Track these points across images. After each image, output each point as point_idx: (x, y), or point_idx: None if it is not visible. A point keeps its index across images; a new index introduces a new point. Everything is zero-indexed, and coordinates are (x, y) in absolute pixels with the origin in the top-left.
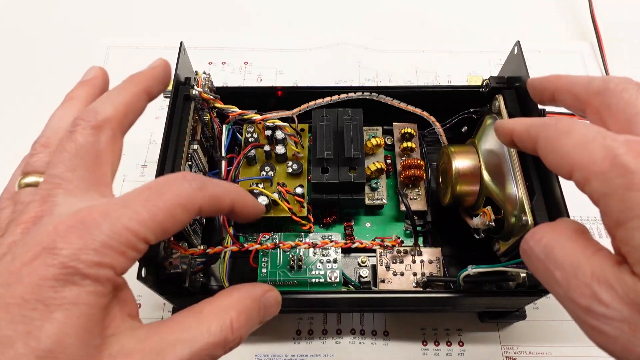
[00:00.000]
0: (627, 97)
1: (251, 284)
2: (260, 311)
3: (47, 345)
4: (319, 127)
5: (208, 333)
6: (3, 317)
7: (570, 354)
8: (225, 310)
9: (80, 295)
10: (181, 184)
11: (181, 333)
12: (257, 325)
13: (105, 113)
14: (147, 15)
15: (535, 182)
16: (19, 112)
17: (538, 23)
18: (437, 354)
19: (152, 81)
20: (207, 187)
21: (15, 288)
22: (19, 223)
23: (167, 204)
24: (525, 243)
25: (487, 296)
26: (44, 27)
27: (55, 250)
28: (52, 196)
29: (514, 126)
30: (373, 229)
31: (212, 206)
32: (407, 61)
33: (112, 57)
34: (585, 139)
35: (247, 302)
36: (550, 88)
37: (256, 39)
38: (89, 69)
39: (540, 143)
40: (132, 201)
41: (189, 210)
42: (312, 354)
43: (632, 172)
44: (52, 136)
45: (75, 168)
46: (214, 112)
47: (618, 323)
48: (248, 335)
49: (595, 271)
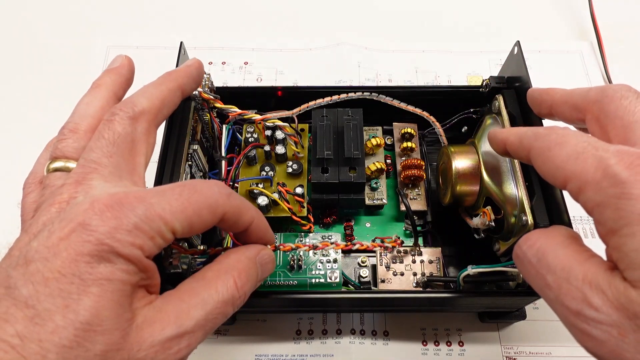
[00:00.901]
0: (625, 105)
1: (245, 246)
2: (258, 269)
3: (85, 317)
4: (319, 127)
5: (217, 294)
6: (42, 290)
7: (570, 354)
8: (226, 271)
9: (115, 272)
10: (212, 188)
11: (192, 298)
12: (257, 282)
13: (142, 105)
14: (147, 15)
15: (535, 182)
16: (20, 111)
17: (538, 23)
18: (437, 354)
19: (187, 79)
20: (234, 198)
21: (53, 262)
22: (53, 203)
23: (198, 201)
24: (519, 248)
25: (487, 296)
26: (44, 27)
27: (92, 227)
28: (87, 180)
29: (508, 136)
30: (373, 229)
31: (234, 216)
32: (407, 61)
33: (112, 57)
34: (578, 149)
35: (245, 262)
36: (548, 101)
37: (256, 39)
38: (116, 58)
39: (534, 154)
40: (167, 192)
41: (214, 213)
42: (312, 354)
43: (624, 182)
44: (80, 122)
45: (112, 155)
46: (214, 112)
47: (607, 327)
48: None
49: (587, 276)
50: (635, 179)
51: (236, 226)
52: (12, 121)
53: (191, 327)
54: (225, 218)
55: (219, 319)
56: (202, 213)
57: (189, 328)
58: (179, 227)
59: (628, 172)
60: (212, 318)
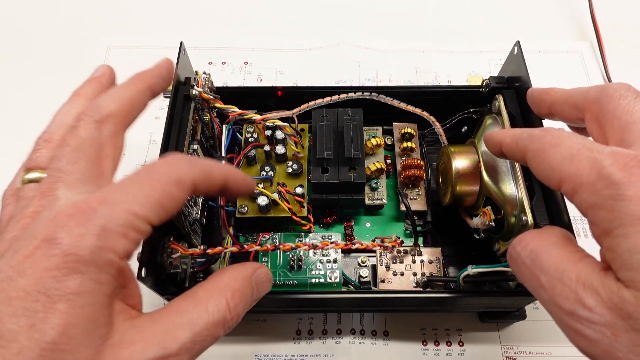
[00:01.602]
0: (624, 105)
1: (241, 264)
2: (254, 288)
3: (52, 336)
4: (319, 127)
5: (207, 314)
6: (5, 310)
7: (570, 354)
8: (220, 290)
9: (83, 283)
10: (172, 163)
11: (180, 318)
12: (252, 302)
13: (108, 108)
14: (147, 15)
15: (535, 183)
16: (19, 111)
17: (538, 23)
18: (437, 354)
19: (157, 79)
20: (197, 163)
21: (18, 281)
22: (19, 219)
23: (162, 182)
24: (512, 249)
25: (487, 296)
26: (45, 27)
27: (56, 240)
28: (52, 190)
29: (503, 138)
30: (373, 229)
31: (205, 180)
32: (407, 61)
33: (112, 57)
34: (572, 151)
35: (240, 281)
36: (548, 101)
37: (256, 39)
38: (98, 67)
39: (529, 155)
40: (127, 185)
41: (183, 186)
42: (312, 354)
43: (617, 183)
44: (55, 132)
45: (76, 161)
46: (214, 112)
47: (601, 327)
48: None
49: (580, 276)
50: (629, 180)
51: (212, 188)
52: (12, 121)
53: (176, 349)
54: (197, 185)
55: (207, 342)
56: (171, 191)
57: (173, 350)
58: (151, 214)
59: (622, 173)
60: (200, 340)
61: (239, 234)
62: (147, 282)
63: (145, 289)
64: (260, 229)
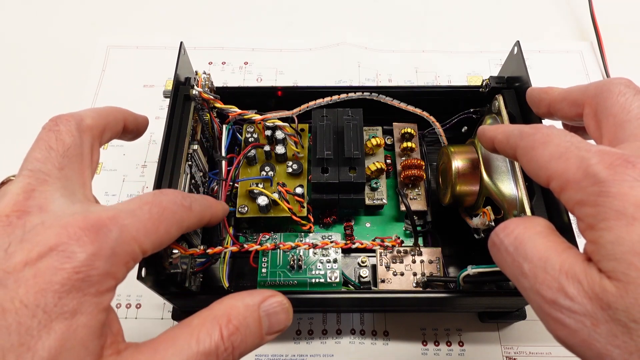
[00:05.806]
0: (622, 102)
1: (249, 291)
2: (261, 319)
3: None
4: (319, 127)
5: (197, 344)
6: None
7: (570, 354)
8: (214, 318)
9: (83, 305)
10: (176, 202)
11: (169, 348)
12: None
13: (87, 121)
14: (147, 15)
15: (535, 182)
16: (19, 111)
17: (538, 23)
18: (437, 354)
19: (132, 118)
20: (196, 206)
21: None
22: None
23: (167, 219)
24: (495, 236)
25: (487, 296)
26: (45, 26)
27: (68, 252)
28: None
29: (495, 134)
30: (373, 229)
31: (196, 225)
32: (407, 61)
33: (112, 57)
34: (561, 149)
35: (240, 310)
36: (546, 100)
37: (256, 39)
38: None
39: (519, 152)
40: (136, 211)
41: (181, 228)
42: (312, 354)
43: (603, 181)
44: None
45: (63, 167)
46: (214, 112)
47: (581, 317)
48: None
49: (564, 266)
50: (614, 178)
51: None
52: (11, 121)
53: None
54: (189, 228)
55: None
56: (171, 230)
57: None
58: (149, 247)
59: (608, 171)
60: None
61: (239, 234)
62: (147, 282)
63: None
64: (260, 229)
